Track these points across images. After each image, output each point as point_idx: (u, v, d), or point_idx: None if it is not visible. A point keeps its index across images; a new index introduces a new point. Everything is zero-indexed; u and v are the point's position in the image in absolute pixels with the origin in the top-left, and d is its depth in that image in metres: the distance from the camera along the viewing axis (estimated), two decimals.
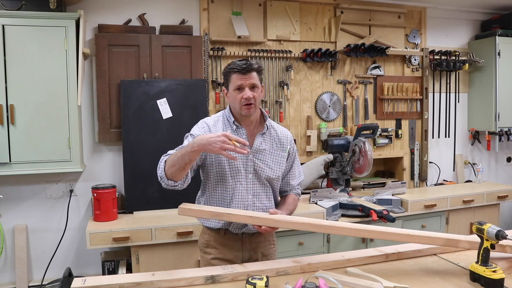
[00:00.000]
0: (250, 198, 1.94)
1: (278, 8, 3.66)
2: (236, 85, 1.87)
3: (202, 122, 1.99)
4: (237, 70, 1.88)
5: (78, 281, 1.58)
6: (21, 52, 2.83)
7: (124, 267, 2.96)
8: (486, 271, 1.54)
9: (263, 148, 1.96)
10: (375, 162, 3.85)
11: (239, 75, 1.87)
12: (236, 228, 1.95)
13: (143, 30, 3.26)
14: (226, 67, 1.95)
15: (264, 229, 1.78)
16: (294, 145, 2.10)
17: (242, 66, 1.87)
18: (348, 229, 1.77)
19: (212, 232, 1.99)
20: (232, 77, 1.89)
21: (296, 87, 3.79)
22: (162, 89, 3.13)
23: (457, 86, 4.39)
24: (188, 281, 1.62)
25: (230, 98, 1.93)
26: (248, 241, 1.98)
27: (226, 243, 1.97)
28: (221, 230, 1.97)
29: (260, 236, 2.00)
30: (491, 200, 3.81)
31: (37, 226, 3.23)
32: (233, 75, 1.89)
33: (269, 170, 1.97)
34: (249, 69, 1.87)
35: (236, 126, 1.93)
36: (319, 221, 1.82)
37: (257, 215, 1.79)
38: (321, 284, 1.42)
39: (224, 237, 1.97)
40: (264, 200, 1.99)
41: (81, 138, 3.13)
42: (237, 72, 1.87)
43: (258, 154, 1.95)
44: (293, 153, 2.08)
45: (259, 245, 2.01)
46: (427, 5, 4.15)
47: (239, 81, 1.87)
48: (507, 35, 4.19)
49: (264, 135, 1.98)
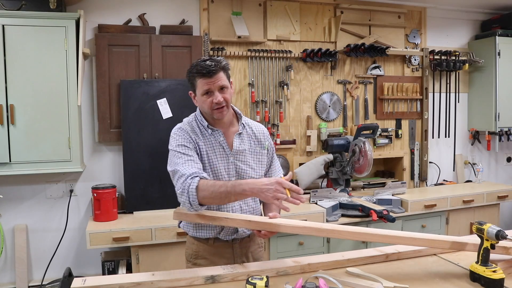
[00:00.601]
0: (236, 203, 1.86)
1: (278, 8, 3.66)
2: (203, 90, 1.75)
3: (179, 130, 1.84)
4: (200, 73, 1.74)
5: (78, 281, 1.58)
6: (21, 52, 2.83)
7: (124, 267, 2.96)
8: (486, 271, 1.54)
9: (242, 149, 1.88)
10: (375, 162, 3.85)
11: (205, 79, 1.73)
12: (227, 235, 1.88)
13: (143, 30, 3.26)
14: (189, 70, 1.79)
15: (264, 234, 1.72)
16: (271, 140, 2.02)
17: (207, 68, 1.72)
18: (351, 233, 1.71)
19: (200, 242, 1.90)
20: (198, 82, 1.76)
21: (296, 87, 3.79)
22: (162, 89, 3.13)
23: (457, 86, 4.39)
24: (188, 281, 1.62)
25: (199, 103, 1.81)
26: (238, 247, 1.91)
27: (216, 251, 1.89)
28: (211, 239, 1.89)
29: (250, 240, 1.95)
30: (491, 200, 3.81)
31: (37, 226, 3.23)
32: (198, 79, 1.75)
33: (251, 171, 1.88)
34: (215, 70, 1.73)
35: (211, 130, 1.83)
36: (321, 225, 1.76)
37: (257, 219, 1.73)
38: (321, 284, 1.42)
39: (214, 245, 1.89)
40: (251, 203, 1.91)
41: (81, 138, 3.13)
42: (201, 76, 1.74)
43: (239, 156, 1.87)
44: (271, 149, 2.00)
45: (249, 249, 1.95)
46: (427, 5, 4.15)
47: (206, 86, 1.74)
48: (507, 35, 4.19)
49: (241, 134, 1.89)
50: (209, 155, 1.82)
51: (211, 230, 1.87)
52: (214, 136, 1.84)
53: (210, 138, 1.84)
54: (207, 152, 1.82)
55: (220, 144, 1.84)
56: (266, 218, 1.73)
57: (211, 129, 1.84)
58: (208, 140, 1.84)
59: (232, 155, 1.85)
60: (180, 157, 1.75)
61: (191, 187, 1.64)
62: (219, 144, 1.84)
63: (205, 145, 1.82)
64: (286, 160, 3.77)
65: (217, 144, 1.84)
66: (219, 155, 1.84)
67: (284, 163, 3.76)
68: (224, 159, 1.84)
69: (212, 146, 1.83)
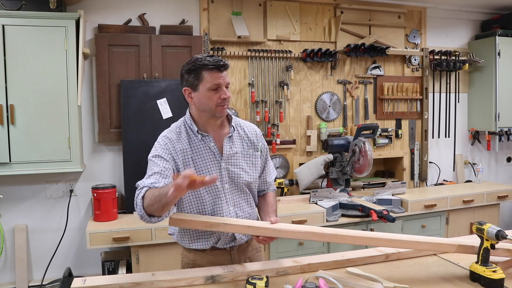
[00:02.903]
0: (232, 210, 1.79)
1: (278, 8, 3.66)
2: (214, 84, 1.67)
3: (163, 138, 1.77)
4: (213, 67, 1.66)
5: (78, 281, 1.58)
6: (21, 52, 2.83)
7: (124, 267, 2.96)
8: (486, 271, 1.54)
9: (234, 152, 1.79)
10: (375, 162, 3.85)
11: (216, 72, 1.67)
12: (225, 243, 1.81)
13: (143, 30, 3.26)
14: (193, 63, 1.70)
15: (263, 240, 1.67)
16: (264, 141, 1.93)
17: (219, 62, 1.67)
18: (353, 238, 1.67)
19: (197, 251, 1.82)
20: (205, 75, 1.67)
21: (296, 87, 3.79)
22: (162, 89, 3.13)
23: (457, 86, 4.39)
24: (188, 281, 1.62)
25: (202, 99, 1.71)
26: (236, 253, 1.85)
27: (214, 260, 1.81)
28: (208, 248, 1.81)
29: (248, 245, 1.89)
30: (491, 200, 3.81)
31: (37, 226, 3.23)
32: (206, 72, 1.67)
33: (245, 174, 1.81)
34: (226, 66, 1.69)
35: (202, 135, 1.76)
36: (322, 230, 1.70)
37: (256, 224, 1.68)
38: (321, 284, 1.42)
39: (212, 253, 1.81)
40: (246, 208, 1.85)
41: (81, 138, 3.13)
42: (212, 69, 1.67)
43: (230, 160, 1.78)
44: (264, 150, 1.92)
45: (248, 254, 1.89)
46: (427, 5, 4.15)
47: (217, 80, 1.67)
48: (507, 35, 4.19)
49: (232, 137, 1.81)
50: (198, 163, 1.75)
51: (207, 241, 1.80)
52: (204, 142, 1.76)
53: (200, 144, 1.76)
54: (195, 159, 1.75)
55: (210, 150, 1.76)
56: (266, 223, 1.68)
57: (201, 134, 1.76)
58: (197, 147, 1.76)
59: (223, 161, 1.77)
60: (150, 168, 1.70)
61: (138, 197, 1.59)
62: (210, 150, 1.76)
63: (193, 153, 1.75)
64: (286, 160, 3.77)
65: (207, 150, 1.76)
66: (209, 162, 1.76)
67: (284, 163, 3.77)
68: (215, 165, 1.76)
69: (201, 153, 1.76)
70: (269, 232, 1.64)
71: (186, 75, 1.73)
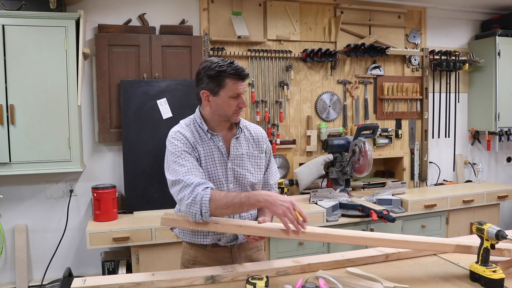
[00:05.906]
0: None
1: (278, 8, 3.66)
2: (235, 92, 1.71)
3: (177, 133, 1.78)
4: (237, 76, 1.69)
5: (78, 281, 1.58)
6: (21, 52, 2.83)
7: (124, 267, 2.96)
8: (486, 271, 1.54)
9: (240, 153, 1.82)
10: (375, 162, 3.85)
11: (239, 82, 1.71)
12: (227, 242, 1.84)
13: (143, 30, 3.26)
14: (215, 67, 1.70)
15: (253, 239, 1.70)
16: (269, 143, 1.97)
17: (243, 72, 1.70)
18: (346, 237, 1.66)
19: (198, 247, 1.85)
20: (229, 83, 1.69)
21: (296, 87, 3.79)
22: (162, 89, 3.13)
23: (457, 86, 4.39)
24: (188, 281, 1.62)
25: (220, 105, 1.73)
26: (237, 251, 1.87)
27: (215, 257, 1.83)
28: (209, 245, 1.83)
29: (249, 243, 1.89)
30: (491, 200, 3.81)
31: (37, 226, 3.23)
32: (230, 80, 1.69)
33: (250, 175, 1.83)
34: (248, 76, 1.75)
35: (211, 134, 1.78)
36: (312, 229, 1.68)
37: (247, 224, 1.68)
38: (321, 284, 1.42)
39: (213, 250, 1.84)
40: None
41: (81, 138, 3.13)
42: (236, 77, 1.69)
43: (236, 160, 1.81)
44: (269, 151, 1.95)
45: (249, 252, 1.91)
46: (427, 5, 4.15)
47: (240, 89, 1.72)
48: (507, 35, 4.19)
49: (239, 138, 1.84)
50: (207, 161, 1.77)
51: (210, 237, 1.81)
52: (213, 141, 1.79)
53: (209, 143, 1.78)
54: (205, 157, 1.77)
55: (219, 149, 1.79)
56: (255, 223, 1.69)
57: (210, 133, 1.78)
58: (207, 145, 1.78)
59: (230, 161, 1.80)
60: (182, 164, 1.69)
61: (204, 199, 1.59)
62: (218, 149, 1.78)
63: (204, 150, 1.77)
64: (286, 160, 3.77)
65: (215, 149, 1.78)
66: (217, 161, 1.78)
67: (284, 163, 3.77)
68: (222, 164, 1.79)
69: (210, 152, 1.78)
70: (260, 231, 1.65)
71: (207, 79, 1.72)
